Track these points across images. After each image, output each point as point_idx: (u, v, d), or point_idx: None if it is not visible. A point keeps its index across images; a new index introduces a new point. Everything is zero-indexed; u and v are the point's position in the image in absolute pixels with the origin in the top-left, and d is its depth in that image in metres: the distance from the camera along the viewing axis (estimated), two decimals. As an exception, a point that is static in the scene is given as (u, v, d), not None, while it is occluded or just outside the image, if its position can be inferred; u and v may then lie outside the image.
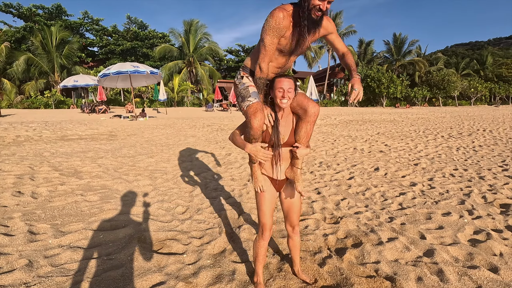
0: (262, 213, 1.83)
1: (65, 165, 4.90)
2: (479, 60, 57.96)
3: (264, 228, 1.85)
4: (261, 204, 1.82)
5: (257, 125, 1.60)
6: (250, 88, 1.71)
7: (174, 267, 2.15)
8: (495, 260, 2.25)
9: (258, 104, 1.63)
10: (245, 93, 1.70)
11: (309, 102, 1.71)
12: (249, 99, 1.65)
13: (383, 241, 2.53)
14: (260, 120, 1.60)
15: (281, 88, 1.63)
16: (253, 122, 1.60)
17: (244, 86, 1.75)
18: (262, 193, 1.81)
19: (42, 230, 2.66)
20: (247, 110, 1.63)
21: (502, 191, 3.82)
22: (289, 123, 1.78)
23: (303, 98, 1.74)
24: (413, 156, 6.14)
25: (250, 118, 1.61)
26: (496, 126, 12.39)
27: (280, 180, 1.83)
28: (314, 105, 1.69)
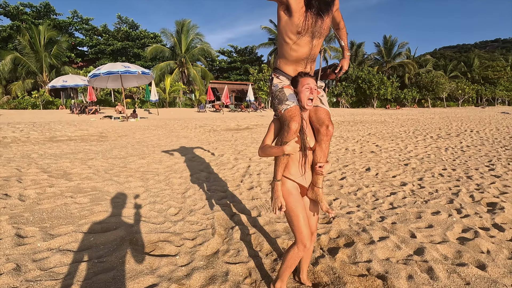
0: (301, 222, 1.64)
1: (54, 167, 4.80)
2: (466, 62, 59.41)
3: (307, 239, 1.65)
4: (298, 212, 1.65)
5: (295, 128, 1.56)
6: (286, 90, 1.67)
7: (166, 269, 2.13)
8: (482, 258, 2.30)
9: (296, 108, 1.60)
10: (281, 96, 1.66)
11: (324, 122, 1.67)
12: (286, 103, 1.62)
13: (374, 240, 2.56)
14: (298, 124, 1.57)
15: (308, 84, 1.62)
16: (292, 125, 1.55)
17: (278, 88, 1.71)
18: (296, 199, 1.67)
19: (30, 233, 2.60)
20: (285, 114, 1.60)
21: (488, 190, 3.92)
22: (309, 127, 1.74)
23: (322, 116, 1.70)
24: (403, 156, 6.24)
25: (288, 122, 1.57)
26: (482, 127, 12.71)
27: (306, 187, 1.76)
28: (328, 126, 1.66)
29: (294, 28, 1.57)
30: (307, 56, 1.69)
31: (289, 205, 1.67)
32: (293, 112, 1.58)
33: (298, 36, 1.59)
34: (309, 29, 1.59)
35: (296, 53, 1.65)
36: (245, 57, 44.70)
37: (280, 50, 1.70)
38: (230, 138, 9.05)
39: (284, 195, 1.69)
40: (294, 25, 1.56)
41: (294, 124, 1.55)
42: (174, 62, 32.65)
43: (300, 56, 1.67)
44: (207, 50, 33.97)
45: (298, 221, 1.64)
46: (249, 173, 4.84)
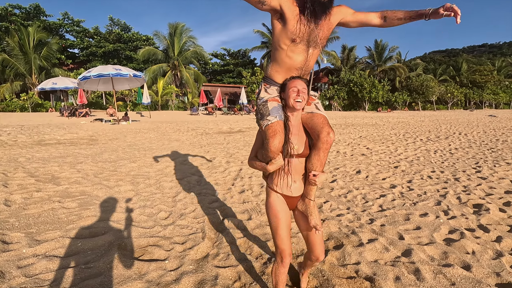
0: (279, 237, 1.59)
1: (42, 171, 4.71)
2: (455, 66, 60.66)
3: (284, 255, 1.61)
4: (277, 227, 1.59)
5: (275, 148, 1.47)
6: (269, 104, 1.57)
7: (155, 274, 2.12)
8: (468, 258, 2.35)
9: (278, 123, 1.50)
10: (264, 110, 1.56)
11: (324, 128, 1.52)
12: (268, 118, 1.52)
13: (363, 243, 2.59)
14: (280, 142, 1.48)
15: (295, 87, 1.52)
16: (271, 144, 1.47)
17: (263, 101, 1.61)
18: (276, 214, 1.59)
19: (16, 239, 2.55)
20: (265, 130, 1.50)
21: (475, 191, 4.00)
22: (301, 132, 1.62)
23: (320, 121, 1.56)
24: (393, 159, 6.33)
25: (268, 140, 1.47)
26: (470, 129, 12.98)
27: (294, 197, 1.64)
28: (329, 132, 1.51)
29: (289, 36, 1.51)
30: (302, 67, 1.60)
31: (269, 218, 1.62)
32: (274, 129, 1.48)
33: (293, 44, 1.53)
34: (304, 37, 1.52)
35: (290, 60, 1.57)
36: (238, 60, 44.81)
37: (274, 56, 1.63)
38: (222, 141, 9.05)
39: (267, 207, 1.64)
40: (289, 33, 1.50)
41: (273, 143, 1.46)
42: (166, 65, 32.52)
43: (294, 64, 1.59)
44: (200, 53, 33.95)
45: (276, 236, 1.59)
46: (240, 176, 4.84)
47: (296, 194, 1.64)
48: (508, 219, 3.13)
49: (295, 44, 1.53)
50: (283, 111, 1.58)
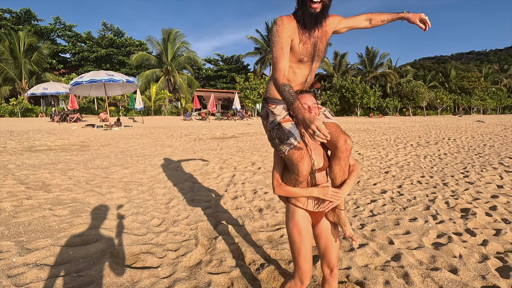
0: (302, 257, 1.49)
1: (32, 178, 4.66)
2: (444, 73, 62.16)
3: (305, 276, 1.51)
4: (301, 246, 1.48)
5: (306, 171, 1.40)
6: (284, 126, 1.52)
7: (148, 282, 2.12)
8: (455, 262, 2.42)
9: (300, 145, 1.44)
10: (280, 134, 1.50)
11: (339, 136, 1.48)
12: (288, 142, 1.46)
13: (354, 248, 2.64)
14: (308, 165, 1.41)
15: (305, 103, 1.47)
16: (301, 169, 1.40)
17: (275, 124, 1.56)
18: (301, 232, 1.49)
19: (5, 248, 2.51)
20: (290, 155, 1.43)
21: (463, 196, 4.11)
22: (318, 146, 1.56)
23: (333, 130, 1.52)
24: (384, 164, 6.44)
25: (297, 165, 1.40)
26: (459, 135, 13.28)
27: (318, 212, 1.56)
28: (346, 139, 1.47)
29: (297, 57, 1.54)
30: (305, 81, 1.63)
31: (293, 237, 1.51)
32: (299, 153, 1.42)
33: (299, 63, 1.56)
34: (310, 54, 1.55)
35: (295, 76, 1.59)
36: (231, 66, 45.01)
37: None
38: (216, 147, 9.06)
39: (290, 225, 1.53)
40: (297, 55, 1.53)
41: (303, 167, 1.40)
42: (160, 70, 32.47)
43: (299, 79, 1.61)
44: (194, 58, 34.01)
45: (299, 256, 1.50)
46: (233, 182, 4.87)
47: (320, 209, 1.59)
48: (494, 223, 3.22)
49: (302, 63, 1.57)
50: (298, 130, 1.53)
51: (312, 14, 1.47)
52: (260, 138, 11.59)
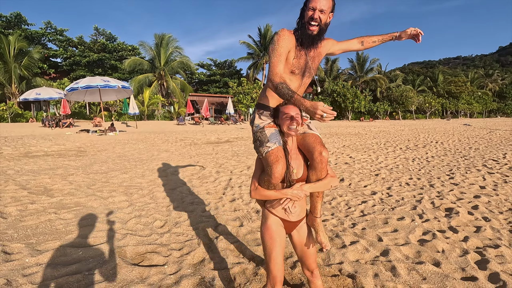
0: (273, 262, 1.55)
1: (33, 183, 4.74)
2: (432, 77, 63.72)
3: (275, 282, 1.56)
4: (272, 250, 1.55)
5: (278, 173, 1.50)
6: (267, 131, 1.63)
7: (156, 278, 2.27)
8: (438, 256, 2.64)
9: (278, 149, 1.55)
10: (262, 137, 1.62)
11: (316, 147, 1.56)
12: (267, 145, 1.57)
13: (346, 245, 2.85)
14: (282, 168, 1.51)
15: (288, 113, 1.56)
16: (274, 170, 1.50)
17: (259, 128, 1.68)
18: (273, 237, 1.56)
19: (17, 250, 2.63)
20: (267, 157, 1.54)
21: (447, 197, 4.37)
22: (299, 156, 1.65)
23: (311, 140, 1.61)
24: (374, 167, 6.70)
25: (271, 167, 1.51)
26: (446, 138, 13.73)
27: (293, 222, 1.65)
28: (321, 152, 1.53)
29: (290, 68, 1.69)
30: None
31: (265, 241, 1.58)
32: (275, 155, 1.53)
33: (290, 75, 1.70)
34: (301, 69, 1.70)
35: None
36: (224, 70, 45.26)
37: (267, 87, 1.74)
38: (211, 151, 9.21)
39: (263, 229, 1.62)
40: (290, 66, 1.68)
41: (277, 169, 1.50)
42: (152, 75, 32.48)
43: None
44: (187, 63, 34.15)
45: (270, 260, 1.56)
46: (230, 185, 5.04)
47: (295, 219, 1.65)
48: (475, 221, 3.47)
49: (292, 75, 1.71)
50: (281, 137, 1.64)
51: (309, 35, 1.64)
52: (254, 143, 11.76)
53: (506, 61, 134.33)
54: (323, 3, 1.60)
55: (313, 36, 1.64)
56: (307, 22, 1.62)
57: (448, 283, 2.24)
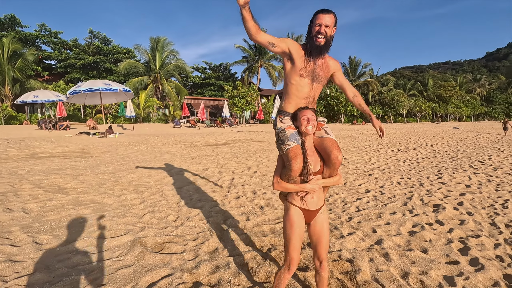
0: (292, 246, 1.78)
1: (46, 182, 4.95)
2: (422, 82, 65.13)
3: (292, 263, 1.80)
4: (291, 237, 1.78)
5: (297, 168, 1.72)
6: (287, 131, 1.89)
7: (177, 263, 2.56)
8: (425, 244, 2.98)
9: (297, 147, 1.78)
10: (283, 137, 1.87)
11: (333, 151, 1.79)
12: (288, 143, 1.81)
13: (344, 235, 3.17)
14: (300, 163, 1.73)
15: (305, 116, 1.83)
16: (293, 165, 1.72)
17: (281, 129, 1.94)
18: (293, 225, 1.79)
19: (46, 241, 2.88)
20: (287, 153, 1.77)
21: (435, 194, 4.74)
22: (315, 153, 1.88)
23: (329, 144, 1.84)
24: (367, 168, 7.08)
25: (290, 162, 1.73)
26: (436, 141, 14.27)
27: (312, 210, 1.83)
28: (337, 156, 1.77)
29: (297, 71, 1.93)
30: (308, 97, 2.00)
31: (286, 229, 1.81)
32: (294, 152, 1.76)
33: (300, 79, 1.95)
34: (309, 73, 1.93)
35: (298, 92, 1.97)
36: (219, 74, 45.54)
37: (286, 91, 2.04)
38: (211, 153, 9.49)
39: (285, 219, 1.85)
40: (297, 69, 1.93)
41: (295, 164, 1.72)
42: (148, 78, 32.57)
43: (302, 95, 1.98)
44: (182, 66, 34.32)
45: (289, 245, 1.79)
46: (234, 184, 5.33)
47: (314, 208, 1.84)
48: (460, 215, 3.84)
49: (301, 79, 1.94)
50: (299, 137, 1.89)
51: (317, 46, 1.90)
52: (252, 145, 12.10)
53: (493, 66, 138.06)
54: (327, 19, 1.86)
55: (320, 47, 1.90)
56: (315, 35, 1.88)
57: (434, 266, 2.57)
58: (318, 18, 1.88)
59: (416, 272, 2.48)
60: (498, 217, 3.74)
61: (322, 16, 1.86)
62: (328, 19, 1.87)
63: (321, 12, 1.88)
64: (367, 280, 2.34)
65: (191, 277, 2.36)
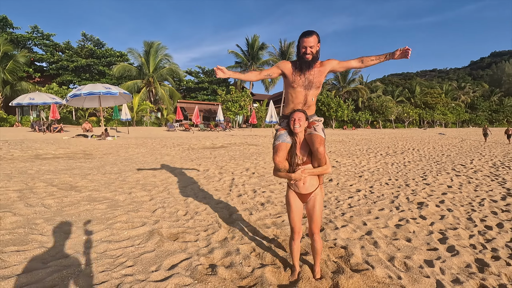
0: (291, 219, 2.34)
1: (58, 181, 5.19)
2: (410, 89, 67.00)
3: (293, 231, 2.36)
4: (289, 213, 2.34)
5: (277, 159, 2.24)
6: (278, 132, 2.41)
7: (193, 249, 2.89)
8: (410, 235, 3.39)
9: (281, 144, 2.28)
10: (276, 136, 2.39)
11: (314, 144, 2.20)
12: (276, 141, 2.34)
13: (338, 227, 3.55)
14: (280, 156, 2.24)
15: (293, 117, 2.24)
16: (274, 157, 2.26)
17: (277, 130, 2.45)
18: (289, 203, 2.32)
19: (70, 231, 3.16)
20: (274, 148, 2.32)
21: (420, 193, 5.20)
22: (306, 147, 2.29)
23: (313, 139, 2.23)
24: (358, 170, 7.54)
25: (273, 154, 2.28)
26: (422, 146, 14.94)
27: (304, 194, 2.30)
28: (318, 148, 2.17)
29: (290, 84, 2.41)
30: (302, 101, 2.41)
31: (287, 206, 2.38)
32: (277, 148, 2.29)
33: (294, 89, 2.40)
34: (300, 84, 2.36)
35: (293, 98, 2.42)
36: (212, 78, 45.84)
37: (285, 98, 2.51)
38: (209, 155, 9.81)
39: (286, 199, 2.41)
40: (290, 82, 2.41)
41: (276, 156, 2.26)
42: (141, 81, 32.65)
43: (297, 100, 2.41)
44: (175, 70, 34.55)
45: (289, 219, 2.37)
46: (234, 184, 5.68)
47: (305, 192, 2.30)
48: (441, 211, 4.28)
49: (295, 89, 2.39)
50: (289, 136, 2.34)
51: (306, 62, 2.31)
52: (247, 148, 12.47)
53: (477, 75, 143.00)
54: (311, 41, 2.26)
55: (309, 62, 2.31)
56: (303, 55, 2.30)
57: (416, 252, 2.98)
58: (303, 41, 2.28)
59: (401, 256, 2.88)
60: (474, 213, 4.20)
61: (306, 40, 2.26)
62: (312, 40, 2.26)
63: (305, 36, 2.27)
64: (359, 263, 2.72)
65: (207, 260, 2.70)
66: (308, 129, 2.33)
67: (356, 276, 2.43)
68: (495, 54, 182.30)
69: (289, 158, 2.29)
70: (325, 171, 2.29)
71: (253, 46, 39.67)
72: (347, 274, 2.43)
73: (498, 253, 2.96)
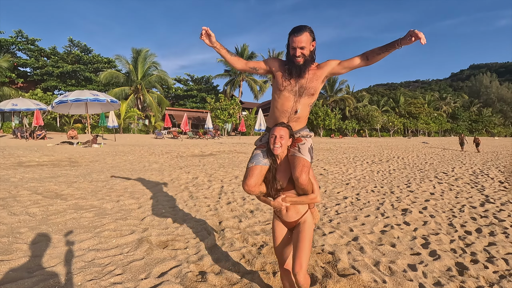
0: (275, 249, 2.01)
1: (43, 189, 5.07)
2: (394, 99, 69.04)
3: (279, 263, 2.02)
4: (274, 241, 2.01)
5: (246, 187, 1.85)
6: (255, 151, 2.00)
7: (182, 257, 2.90)
8: (394, 240, 3.51)
9: (254, 168, 1.88)
10: (252, 156, 2.00)
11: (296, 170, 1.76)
12: (249, 162, 1.94)
13: (326, 233, 3.63)
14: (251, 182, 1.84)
15: (273, 134, 1.80)
16: (243, 184, 1.89)
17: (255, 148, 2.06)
18: (274, 232, 1.99)
19: (56, 240, 3.12)
20: (246, 171, 1.94)
21: (404, 200, 5.37)
22: (288, 170, 1.85)
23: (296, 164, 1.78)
24: (345, 177, 7.70)
25: (245, 179, 1.89)
26: (407, 154, 15.38)
27: (288, 222, 1.92)
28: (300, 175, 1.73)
29: (278, 86, 1.94)
30: (289, 110, 1.92)
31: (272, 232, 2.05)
32: (249, 171, 1.89)
33: (281, 93, 1.92)
34: (288, 88, 1.88)
35: (279, 105, 1.94)
36: (201, 86, 45.92)
37: (271, 105, 2.05)
38: (198, 163, 9.78)
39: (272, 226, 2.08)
40: (277, 84, 1.94)
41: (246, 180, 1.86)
42: (129, 88, 32.33)
43: (283, 108, 1.93)
44: (164, 78, 34.44)
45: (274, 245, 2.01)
46: (224, 192, 5.70)
47: (289, 220, 1.92)
48: (424, 218, 4.44)
49: (281, 92, 1.92)
50: (267, 156, 1.91)
51: (297, 66, 1.85)
52: (236, 156, 12.50)
53: (457, 86, 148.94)
54: (302, 41, 1.79)
55: (300, 66, 1.85)
56: (292, 57, 1.84)
57: (400, 256, 3.09)
58: (292, 41, 1.82)
59: (386, 261, 2.97)
60: (455, 219, 4.38)
61: (296, 39, 1.80)
62: (303, 38, 1.79)
63: (294, 34, 1.81)
64: (345, 267, 2.80)
65: (196, 267, 2.71)
66: (291, 148, 1.89)
67: (343, 280, 2.50)
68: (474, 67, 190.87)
69: (266, 183, 1.91)
70: (313, 201, 1.83)
71: (243, 55, 40.09)
72: (334, 279, 2.50)
73: (477, 257, 3.11)
